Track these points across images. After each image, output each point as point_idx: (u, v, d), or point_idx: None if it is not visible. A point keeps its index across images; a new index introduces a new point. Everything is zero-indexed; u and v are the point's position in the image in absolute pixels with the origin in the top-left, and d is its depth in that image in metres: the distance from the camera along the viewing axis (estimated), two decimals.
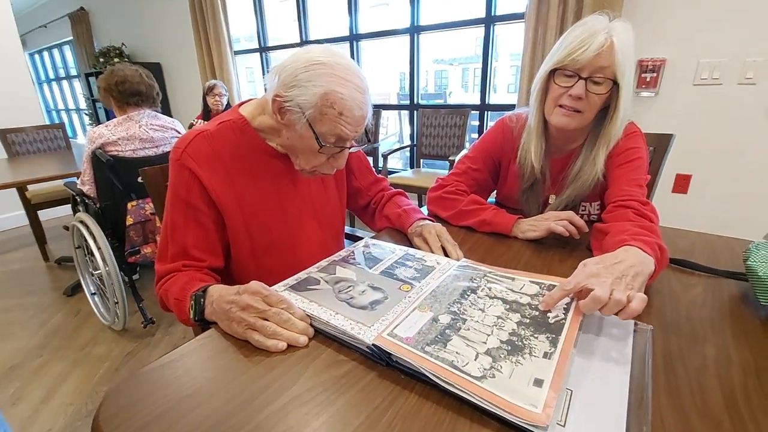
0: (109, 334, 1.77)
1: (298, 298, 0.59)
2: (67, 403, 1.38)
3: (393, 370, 0.48)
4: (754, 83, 1.86)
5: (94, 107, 5.20)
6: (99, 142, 1.57)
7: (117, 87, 1.60)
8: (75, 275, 2.04)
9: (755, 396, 0.45)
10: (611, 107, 0.83)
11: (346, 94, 0.66)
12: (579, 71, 0.78)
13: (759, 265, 0.62)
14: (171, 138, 1.78)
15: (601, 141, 0.86)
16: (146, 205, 1.69)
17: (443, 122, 2.76)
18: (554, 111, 0.84)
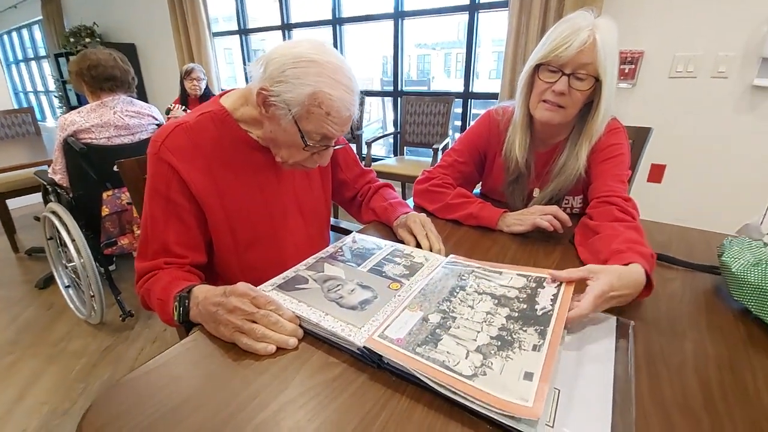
0: (85, 328, 1.71)
1: (287, 298, 0.58)
2: (42, 402, 1.33)
3: (384, 372, 0.48)
4: (726, 77, 1.92)
5: (64, 89, 4.93)
6: (71, 130, 1.49)
7: (89, 72, 1.52)
8: (47, 267, 1.95)
9: (731, 391, 0.47)
10: (594, 103, 0.84)
11: (335, 95, 0.65)
12: (562, 67, 0.79)
13: (732, 261, 0.65)
14: (148, 125, 1.71)
15: (584, 136, 0.88)
16: (122, 195, 1.63)
17: (427, 110, 2.75)
18: (538, 106, 0.86)
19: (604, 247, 0.70)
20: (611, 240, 0.70)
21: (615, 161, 0.88)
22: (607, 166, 0.88)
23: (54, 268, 1.88)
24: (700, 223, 0.89)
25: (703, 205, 2.14)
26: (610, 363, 0.49)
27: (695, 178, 2.12)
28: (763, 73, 1.84)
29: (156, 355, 0.50)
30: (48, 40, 5.39)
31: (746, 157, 1.98)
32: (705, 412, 0.44)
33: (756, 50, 1.83)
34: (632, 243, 0.67)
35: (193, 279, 0.70)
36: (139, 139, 1.68)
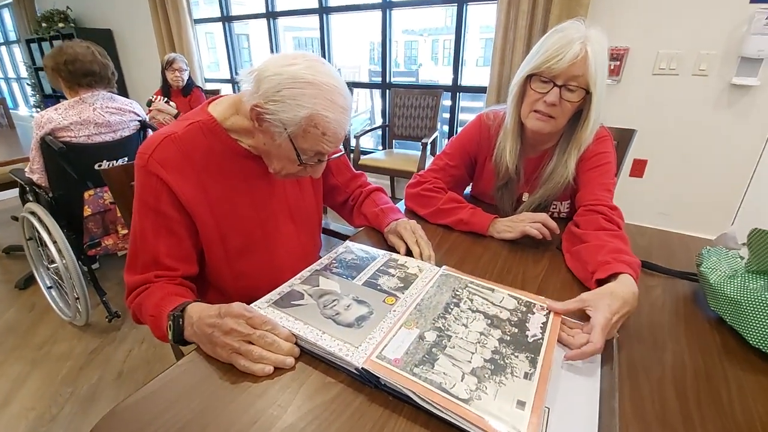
0: (69, 330, 1.68)
1: (283, 316, 0.59)
2: (28, 407, 1.31)
3: (382, 392, 0.49)
4: (707, 75, 1.97)
5: (37, 77, 4.72)
6: (48, 128, 1.43)
7: (66, 66, 1.45)
8: (27, 266, 1.90)
9: (705, 402, 0.50)
10: (583, 113, 0.86)
11: (331, 117, 0.65)
12: (554, 78, 0.81)
13: (710, 272, 0.68)
14: (129, 122, 1.66)
15: (573, 145, 0.90)
16: (105, 194, 1.59)
17: (416, 103, 2.74)
18: (530, 115, 0.87)
19: (591, 258, 0.72)
20: (598, 251, 0.72)
21: (602, 170, 0.91)
22: (594, 174, 0.91)
23: (35, 268, 1.83)
24: (679, 216, 0.92)
25: (682, 199, 2.21)
26: (596, 376, 0.52)
27: (675, 173, 2.19)
28: (741, 72, 1.89)
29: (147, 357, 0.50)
30: (18, 25, 5.13)
31: (724, 152, 2.05)
32: (681, 425, 0.46)
33: (735, 49, 1.88)
34: (618, 253, 0.70)
35: (185, 293, 0.69)
36: (121, 137, 1.63)
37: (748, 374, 0.55)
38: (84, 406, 1.31)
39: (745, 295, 0.60)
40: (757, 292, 0.59)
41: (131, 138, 1.68)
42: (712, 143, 2.06)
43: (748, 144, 1.99)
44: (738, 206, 2.12)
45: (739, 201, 2.11)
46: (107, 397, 1.35)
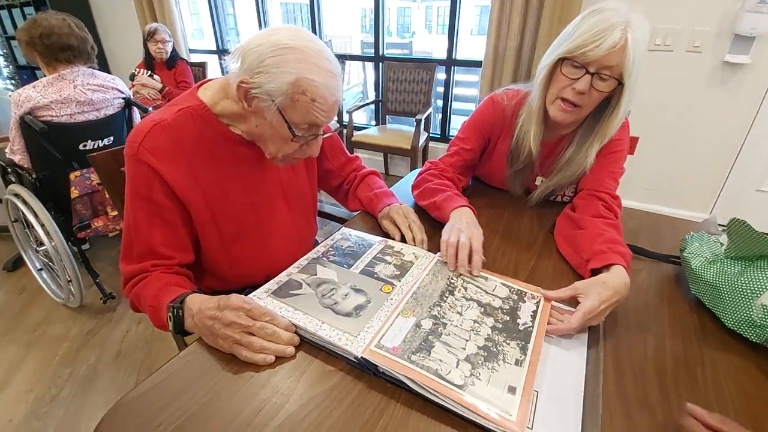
0: (63, 311, 1.68)
1: (283, 306, 0.60)
2: (27, 389, 1.33)
3: (380, 379, 0.51)
4: (700, 51, 1.96)
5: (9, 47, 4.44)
6: (27, 107, 1.37)
7: (42, 41, 1.37)
8: (13, 247, 1.87)
9: (683, 384, 0.53)
10: (612, 103, 0.81)
11: (318, 80, 0.62)
12: (587, 65, 0.75)
13: (692, 257, 0.71)
14: (113, 99, 1.59)
15: (596, 136, 0.85)
16: (92, 175, 1.55)
17: (410, 77, 2.68)
18: (555, 103, 0.82)
19: (587, 245, 0.73)
20: (594, 239, 0.74)
21: (614, 157, 0.90)
22: (606, 160, 0.89)
23: (23, 251, 1.80)
24: (666, 192, 0.93)
25: (670, 176, 2.25)
26: (582, 361, 0.54)
27: (665, 150, 2.21)
28: (734, 50, 1.88)
29: (145, 337, 0.51)
30: None
31: (713, 130, 2.07)
32: (659, 405, 0.50)
33: (729, 27, 1.86)
34: (613, 243, 0.71)
35: (183, 282, 0.70)
36: (105, 115, 1.58)
37: (722, 354, 0.58)
38: (84, 387, 1.34)
39: (723, 280, 0.63)
40: (733, 277, 0.62)
41: (116, 116, 1.62)
42: (702, 121, 2.08)
43: (737, 122, 2.02)
44: (723, 183, 2.16)
45: (724, 178, 2.15)
46: (107, 378, 1.37)
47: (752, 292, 0.58)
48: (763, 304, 0.57)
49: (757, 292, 0.58)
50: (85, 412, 1.25)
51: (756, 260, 0.61)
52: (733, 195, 2.16)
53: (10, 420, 1.23)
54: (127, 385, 1.34)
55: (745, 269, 0.61)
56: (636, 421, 0.48)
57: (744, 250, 0.62)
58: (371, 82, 3.23)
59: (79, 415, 1.24)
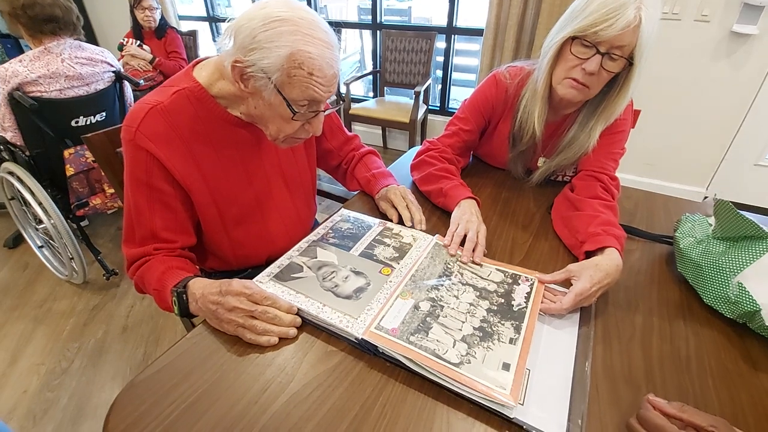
0: (68, 287, 1.71)
1: (285, 289, 0.62)
2: (38, 363, 1.37)
3: (380, 359, 0.53)
4: (708, 20, 1.90)
5: None
6: (15, 82, 1.33)
7: (25, 11, 1.31)
8: (13, 224, 1.87)
9: (667, 360, 0.56)
10: (618, 84, 0.79)
11: (314, 52, 0.60)
12: (598, 45, 0.72)
13: (682, 237, 0.73)
14: (103, 73, 1.55)
15: (601, 116, 0.84)
16: (86, 153, 1.53)
17: (408, 46, 2.60)
18: (563, 82, 0.80)
19: (582, 227, 0.75)
20: (590, 221, 0.75)
21: (615, 138, 0.89)
22: (607, 141, 0.88)
23: (22, 228, 1.81)
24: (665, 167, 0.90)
25: (670, 150, 2.24)
26: (573, 339, 0.57)
27: (666, 123, 2.19)
28: (742, 19, 1.83)
29: (150, 311, 0.53)
30: None
31: (715, 102, 2.04)
32: (644, 381, 0.53)
33: None
34: (608, 225, 0.73)
35: (186, 265, 0.71)
36: (95, 90, 1.54)
37: (705, 330, 0.61)
38: (93, 360, 1.38)
39: (706, 259, 0.65)
40: (716, 256, 0.64)
41: (107, 91, 1.58)
42: (705, 93, 2.05)
43: (740, 95, 1.99)
44: (722, 157, 2.16)
45: (724, 152, 2.15)
46: (115, 351, 1.42)
47: (731, 271, 0.60)
48: (739, 282, 0.59)
49: (735, 271, 0.60)
50: (96, 383, 1.30)
51: (740, 241, 0.62)
52: (732, 169, 2.16)
53: (24, 391, 1.28)
54: (135, 357, 1.39)
55: (728, 249, 0.63)
56: (621, 395, 0.50)
57: (728, 231, 0.64)
58: (369, 51, 3.12)
59: (91, 386, 1.30)
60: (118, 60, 1.88)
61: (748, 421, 0.48)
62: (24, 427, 1.18)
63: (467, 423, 0.46)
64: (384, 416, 0.47)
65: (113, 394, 0.48)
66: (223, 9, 3.62)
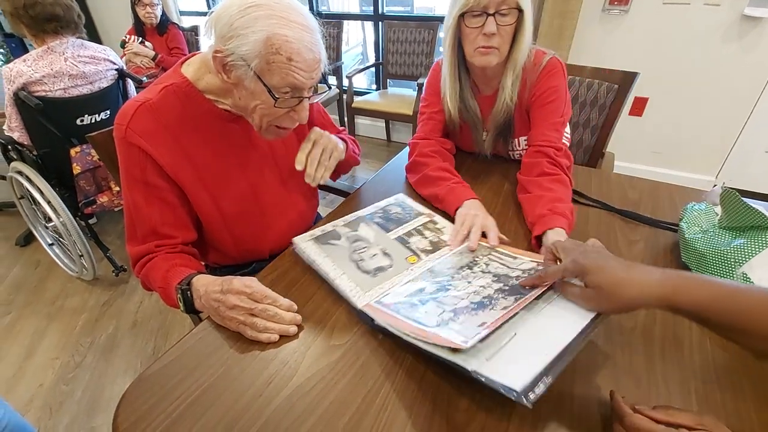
0: (78, 284, 1.74)
1: (318, 250, 0.70)
2: (53, 357, 1.41)
3: (380, 353, 0.54)
4: (719, 4, 1.85)
5: None
6: (20, 82, 1.35)
7: (26, 11, 1.32)
8: (23, 222, 1.91)
9: (668, 350, 0.56)
10: (517, 33, 0.85)
11: (291, 35, 0.59)
12: (485, 8, 0.79)
13: (687, 226, 0.72)
14: (106, 71, 1.56)
15: (509, 66, 0.88)
16: (92, 151, 1.55)
17: (411, 37, 2.57)
18: (474, 53, 0.85)
19: (530, 210, 0.78)
20: (536, 202, 0.78)
21: (552, 107, 0.90)
22: (544, 111, 0.91)
23: (32, 227, 1.84)
24: (673, 155, 0.87)
25: (679, 138, 2.20)
26: (578, 326, 0.52)
27: (675, 111, 2.15)
28: (754, 2, 1.77)
29: (159, 307, 0.55)
30: None
31: (725, 90, 2.00)
32: (645, 374, 0.52)
33: None
34: (554, 203, 0.75)
35: (189, 262, 0.72)
36: (99, 88, 1.55)
37: None
38: (105, 354, 1.42)
39: (711, 249, 0.64)
40: (721, 246, 0.63)
41: (110, 89, 1.60)
42: (714, 80, 2.00)
43: (750, 82, 1.94)
44: (732, 145, 2.12)
45: (734, 139, 2.10)
46: (126, 345, 1.45)
47: (735, 262, 0.60)
48: (744, 272, 0.58)
49: (740, 262, 0.59)
50: (109, 376, 1.34)
51: (746, 231, 0.62)
52: (743, 157, 2.12)
53: (40, 385, 1.32)
54: (146, 351, 1.42)
55: (733, 239, 0.62)
56: (622, 385, 0.50)
57: (735, 221, 0.63)
58: (371, 43, 3.10)
59: (104, 379, 1.33)
60: (121, 57, 1.88)
61: (752, 416, 0.47)
62: (41, 419, 1.22)
63: (467, 415, 0.47)
64: (385, 409, 0.47)
65: (125, 387, 0.49)
66: None
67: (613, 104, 1.23)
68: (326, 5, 3.58)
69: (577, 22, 2.06)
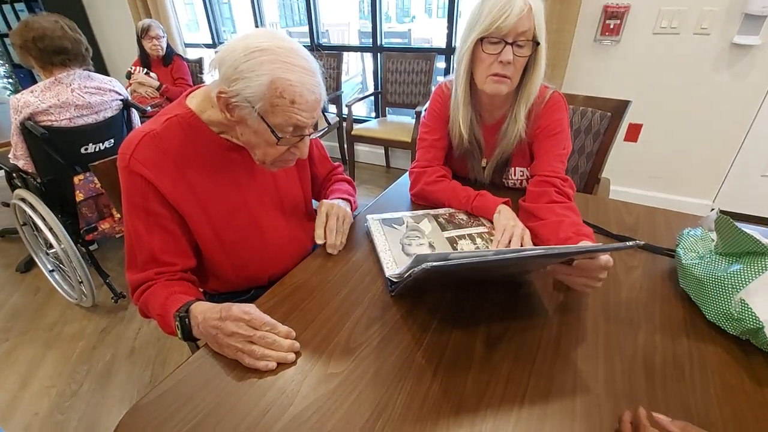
0: (77, 311, 1.73)
1: (380, 227, 0.85)
2: (48, 385, 1.38)
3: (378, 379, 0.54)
4: (708, 33, 1.91)
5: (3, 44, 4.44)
6: (27, 112, 1.38)
7: (36, 44, 1.37)
8: (24, 249, 1.91)
9: (669, 376, 0.55)
10: (530, 66, 0.87)
11: (294, 79, 0.62)
12: (504, 37, 0.81)
13: (684, 252, 0.72)
14: (111, 101, 1.60)
15: (521, 98, 0.91)
16: (95, 179, 1.57)
17: (409, 67, 2.66)
18: (487, 80, 0.87)
19: (553, 235, 0.78)
20: (558, 228, 0.78)
21: (557, 139, 0.93)
22: (549, 144, 0.93)
23: (34, 253, 1.85)
24: (670, 180, 0.88)
25: (674, 162, 2.23)
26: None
27: (669, 137, 2.18)
28: (743, 30, 1.84)
29: (157, 334, 0.54)
30: None
31: (718, 115, 2.04)
32: (647, 399, 0.52)
33: (739, 6, 1.81)
34: (576, 226, 0.77)
35: (188, 289, 0.72)
36: (104, 118, 1.59)
37: (709, 347, 0.60)
38: (102, 383, 1.39)
39: (708, 275, 0.64)
40: (718, 272, 0.63)
41: (115, 119, 1.64)
42: (707, 106, 2.04)
43: (743, 107, 1.98)
44: (728, 169, 2.14)
45: (729, 163, 2.13)
46: (123, 373, 1.42)
47: (733, 287, 0.60)
48: (741, 298, 0.58)
49: (738, 287, 0.59)
50: (105, 406, 1.31)
51: (742, 256, 0.62)
52: (739, 181, 2.14)
53: (35, 414, 1.29)
54: (143, 379, 1.40)
55: (730, 265, 0.63)
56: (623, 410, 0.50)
57: (730, 247, 0.63)
58: (370, 72, 3.19)
59: (100, 408, 1.30)
60: (126, 88, 1.94)
61: None
62: None
63: None
64: None
65: (121, 416, 0.49)
66: (229, 36, 3.74)
67: (607, 131, 1.26)
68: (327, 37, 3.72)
69: (570, 53, 2.14)
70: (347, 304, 0.68)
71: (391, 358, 0.58)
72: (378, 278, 0.75)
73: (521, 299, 0.71)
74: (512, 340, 0.61)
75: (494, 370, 0.56)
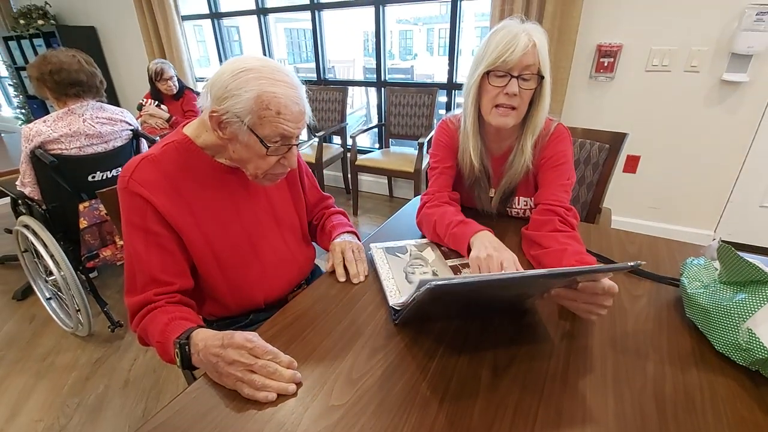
0: (72, 340, 1.69)
1: (383, 256, 0.86)
2: (36, 419, 1.33)
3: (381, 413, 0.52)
4: (698, 71, 1.99)
5: (19, 76, 4.62)
6: (37, 141, 1.42)
7: (52, 77, 1.43)
8: (23, 276, 1.90)
9: (680, 408, 0.53)
10: (536, 99, 0.90)
11: (279, 92, 0.67)
12: (510, 71, 0.84)
13: (689, 282, 0.72)
14: (121, 131, 1.65)
15: (528, 130, 0.94)
16: (100, 206, 1.59)
17: (411, 101, 2.74)
18: (492, 112, 0.90)
19: (555, 263, 0.78)
20: (561, 256, 0.78)
21: (561, 169, 0.95)
22: (553, 174, 0.95)
23: (32, 280, 1.83)
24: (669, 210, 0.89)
25: (673, 193, 2.25)
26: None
27: (667, 168, 2.22)
28: (731, 68, 1.91)
29: (152, 364, 0.53)
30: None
31: (714, 147, 2.08)
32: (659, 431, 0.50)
33: (726, 46, 1.89)
34: (579, 255, 0.78)
35: (189, 315, 0.71)
36: (113, 147, 1.63)
37: (719, 378, 0.58)
38: (92, 416, 1.34)
39: (714, 304, 0.64)
40: (724, 301, 0.62)
41: (124, 148, 1.68)
42: (702, 138, 2.09)
43: (737, 139, 2.03)
44: (726, 200, 2.16)
45: (727, 195, 2.15)
46: (115, 406, 1.37)
47: (739, 317, 0.59)
48: (749, 327, 0.58)
49: (744, 317, 0.59)
50: None
51: (747, 285, 0.62)
52: (738, 211, 2.15)
53: None
54: (135, 413, 1.34)
55: (735, 294, 0.62)
56: None
57: (734, 276, 0.63)
58: (374, 106, 3.30)
59: None
60: (137, 119, 2.00)
61: None
62: None
63: None
64: None
65: None
66: None
67: (606, 162, 1.28)
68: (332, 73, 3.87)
69: (567, 89, 2.22)
70: (350, 334, 0.67)
71: (395, 388, 0.56)
72: (381, 307, 0.74)
73: (527, 327, 0.70)
74: (519, 368, 0.60)
75: (502, 401, 0.54)
